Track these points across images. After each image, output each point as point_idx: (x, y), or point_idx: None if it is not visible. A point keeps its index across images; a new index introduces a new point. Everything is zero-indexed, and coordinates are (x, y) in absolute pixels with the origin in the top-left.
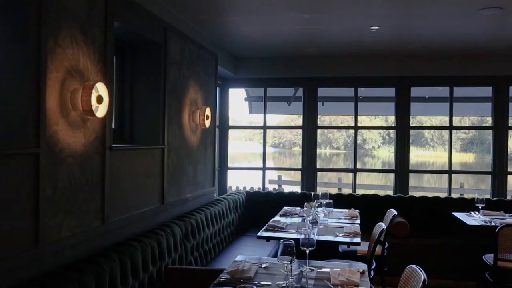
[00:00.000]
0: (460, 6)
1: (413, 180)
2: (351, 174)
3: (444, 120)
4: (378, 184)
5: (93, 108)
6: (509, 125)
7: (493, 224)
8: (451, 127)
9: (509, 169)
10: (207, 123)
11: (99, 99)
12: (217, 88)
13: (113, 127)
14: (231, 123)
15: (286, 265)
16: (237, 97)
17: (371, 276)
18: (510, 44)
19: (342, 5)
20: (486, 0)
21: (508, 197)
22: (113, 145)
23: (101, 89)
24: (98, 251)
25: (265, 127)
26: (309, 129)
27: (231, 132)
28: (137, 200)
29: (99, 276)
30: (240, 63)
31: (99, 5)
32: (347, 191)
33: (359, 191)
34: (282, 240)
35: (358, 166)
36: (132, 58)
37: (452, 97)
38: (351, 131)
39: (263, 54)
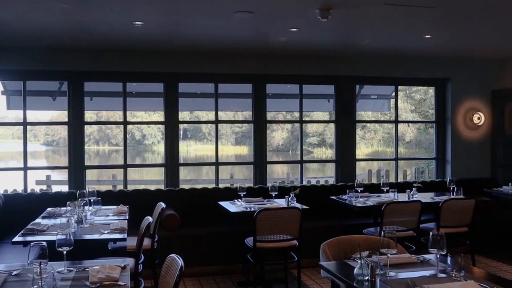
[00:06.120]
0: (217, 8)
1: (192, 173)
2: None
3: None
4: (157, 179)
5: None
6: (268, 119)
7: (253, 209)
8: (216, 122)
9: (274, 159)
10: None
11: None
12: None
13: None
14: None
15: (35, 269)
16: None
17: (140, 270)
18: (264, 45)
19: None
20: (239, 5)
21: (268, 184)
22: None
23: None
24: None
25: (25, 124)
26: (75, 125)
27: None
28: None
29: None
30: None
31: None
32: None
33: (138, 187)
34: (32, 243)
35: (139, 162)
36: None
37: (217, 93)
38: (129, 126)
39: (22, 44)
